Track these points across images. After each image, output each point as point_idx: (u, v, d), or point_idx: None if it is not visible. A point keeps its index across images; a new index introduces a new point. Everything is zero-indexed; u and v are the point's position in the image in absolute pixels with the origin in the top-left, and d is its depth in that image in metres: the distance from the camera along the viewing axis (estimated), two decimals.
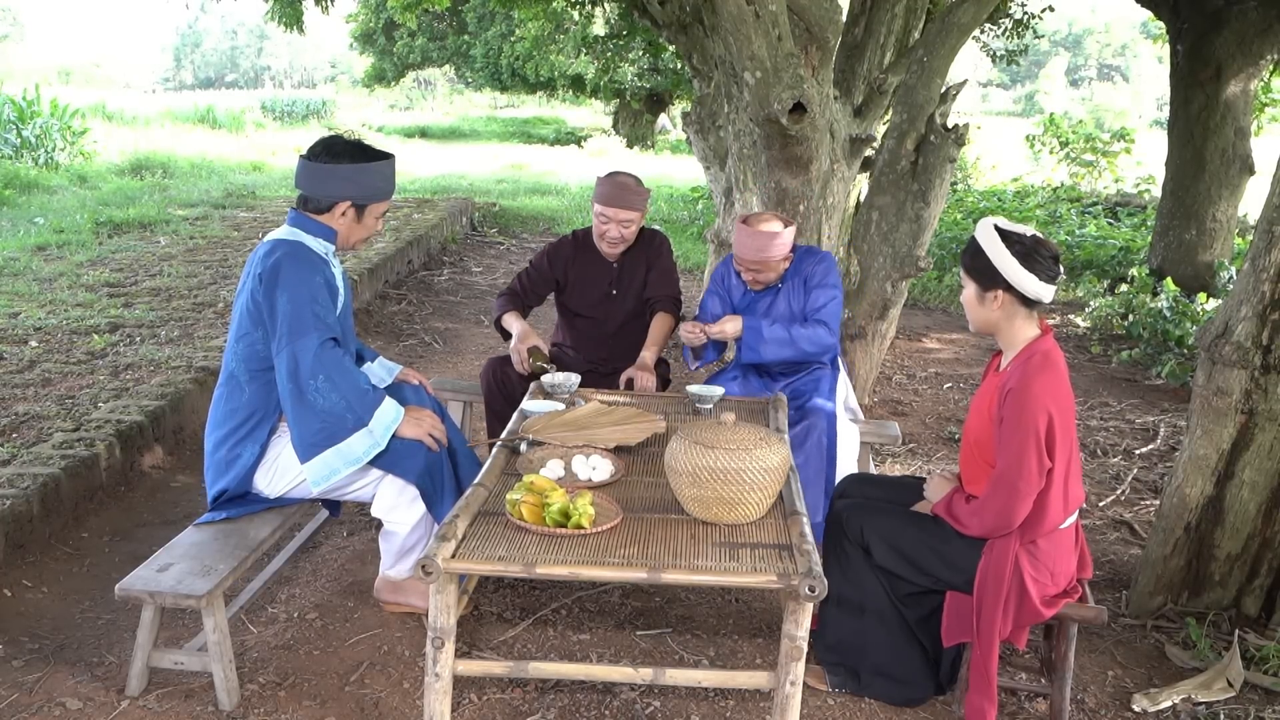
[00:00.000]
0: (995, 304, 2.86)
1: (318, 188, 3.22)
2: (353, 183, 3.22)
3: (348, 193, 3.22)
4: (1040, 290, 2.80)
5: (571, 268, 4.39)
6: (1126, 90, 67.73)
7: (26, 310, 6.57)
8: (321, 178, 3.20)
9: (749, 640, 3.47)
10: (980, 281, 2.87)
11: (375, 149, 3.30)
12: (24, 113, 16.07)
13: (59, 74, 59.26)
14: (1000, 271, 2.80)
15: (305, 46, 75.74)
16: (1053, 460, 2.74)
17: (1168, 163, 9.17)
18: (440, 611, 2.55)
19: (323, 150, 3.21)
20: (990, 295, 2.85)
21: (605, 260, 4.37)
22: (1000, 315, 2.87)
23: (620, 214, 4.18)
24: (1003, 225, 2.84)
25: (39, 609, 3.52)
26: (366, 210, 3.28)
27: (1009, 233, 2.82)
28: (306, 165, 3.22)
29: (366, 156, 3.23)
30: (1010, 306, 2.85)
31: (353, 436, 3.12)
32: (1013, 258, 2.78)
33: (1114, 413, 6.18)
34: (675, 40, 8.20)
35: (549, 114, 40.29)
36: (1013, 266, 2.78)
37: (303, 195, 3.26)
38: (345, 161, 3.19)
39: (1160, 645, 3.53)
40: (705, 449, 2.68)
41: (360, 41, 28.55)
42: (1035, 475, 2.73)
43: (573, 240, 4.44)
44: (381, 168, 3.26)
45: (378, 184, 3.27)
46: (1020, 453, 2.73)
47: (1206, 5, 8.54)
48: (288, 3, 9.01)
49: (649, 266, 4.40)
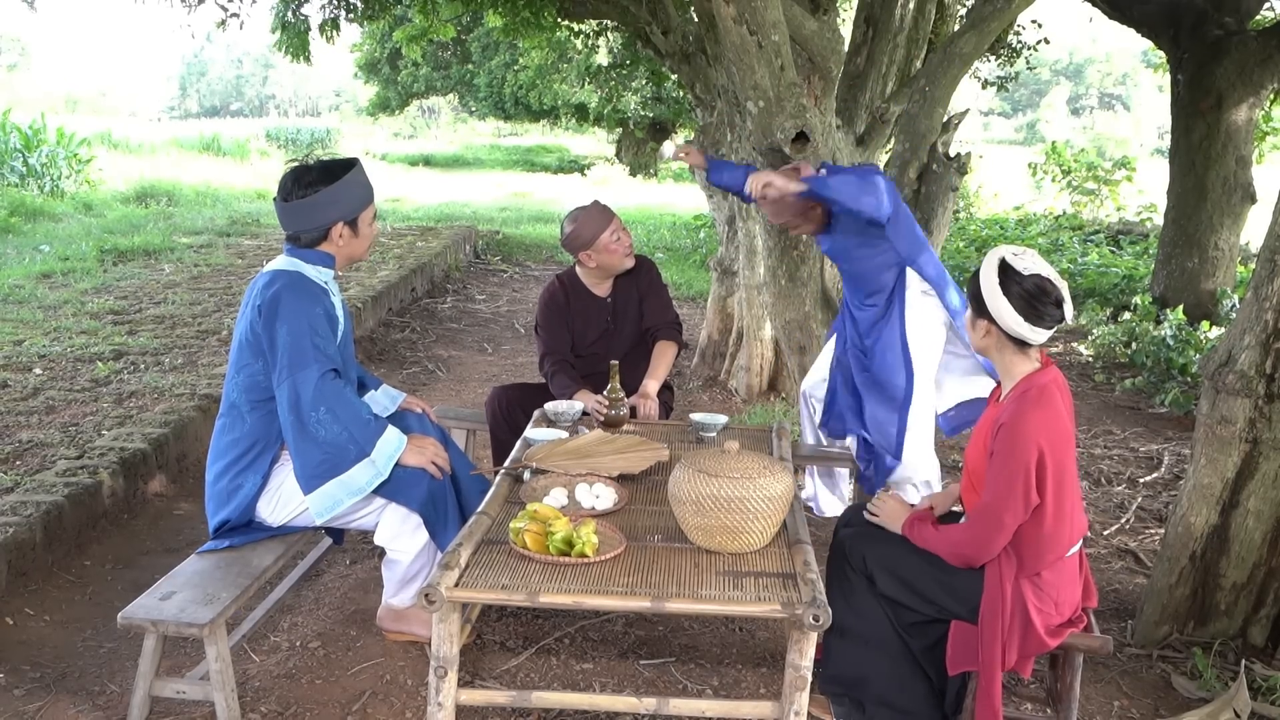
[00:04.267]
0: (983, 333, 2.86)
1: (305, 222, 3.22)
2: (336, 204, 3.21)
3: (336, 214, 3.22)
4: (1026, 332, 2.75)
5: (569, 311, 4.37)
6: (1128, 119, 68.03)
7: (31, 338, 6.58)
8: (305, 212, 3.20)
9: (753, 670, 3.45)
10: (973, 307, 2.88)
11: (340, 160, 3.29)
12: (30, 141, 16.18)
13: (65, 102, 59.61)
14: (986, 304, 2.80)
15: (310, 75, 76.17)
16: (1042, 495, 2.72)
17: (1169, 191, 9.19)
18: (443, 640, 2.54)
19: (294, 185, 3.19)
20: (981, 323, 2.85)
21: (597, 296, 4.37)
22: (990, 344, 2.87)
23: (615, 222, 4.22)
24: (1010, 259, 2.79)
25: (41, 637, 3.51)
26: (359, 221, 3.28)
27: (1010, 267, 2.77)
28: (286, 207, 3.21)
29: (337, 173, 3.21)
30: (999, 340, 2.84)
31: (355, 467, 3.12)
32: (1002, 295, 2.74)
33: (1118, 441, 6.17)
34: (678, 70, 8.25)
35: (552, 142, 40.50)
36: (999, 302, 2.75)
37: (292, 233, 3.26)
38: (321, 187, 3.18)
39: (1166, 675, 3.51)
40: (709, 477, 2.68)
41: (365, 71, 28.70)
42: (1020, 510, 2.72)
43: (560, 285, 4.40)
44: (355, 176, 3.25)
45: (358, 193, 3.27)
46: (1007, 487, 2.72)
47: (1207, 35, 8.59)
48: (295, 34, 9.06)
49: (642, 296, 4.39)
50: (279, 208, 3.24)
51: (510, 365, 7.72)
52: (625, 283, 4.38)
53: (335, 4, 8.95)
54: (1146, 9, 9.11)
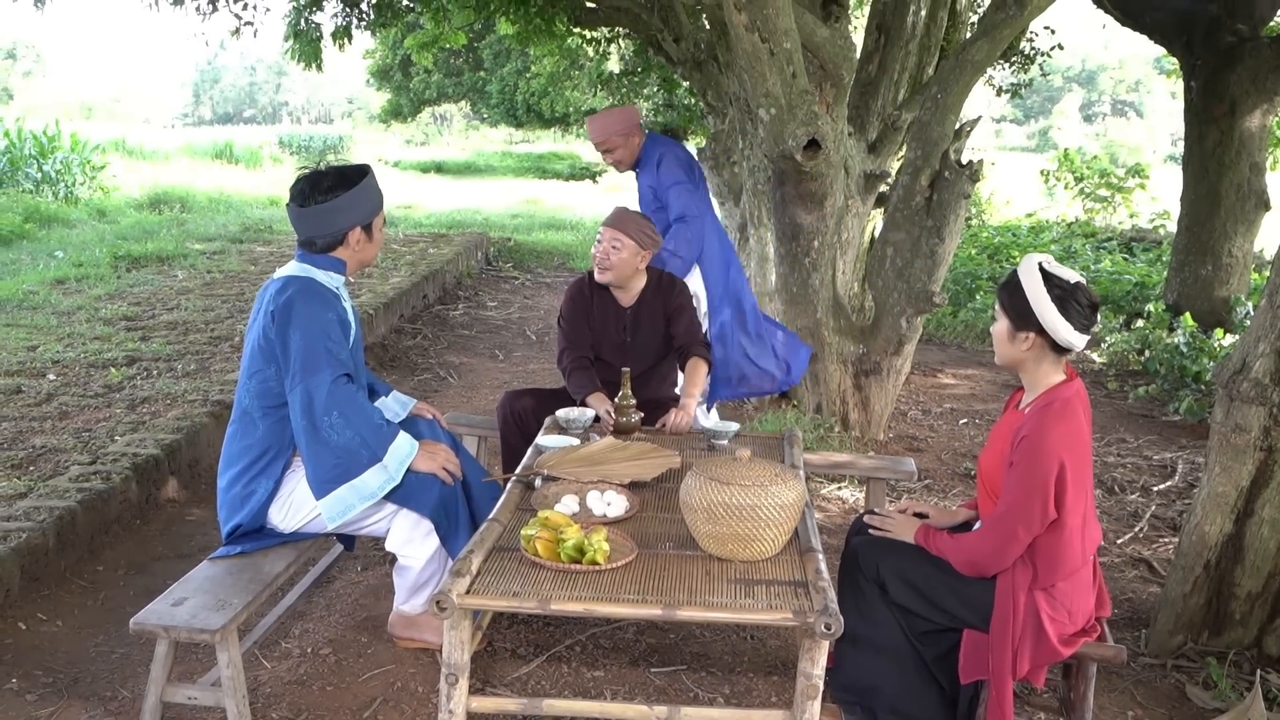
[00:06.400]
0: (1025, 344, 2.83)
1: (324, 227, 3.23)
2: (354, 209, 3.23)
3: (353, 219, 3.24)
4: (1073, 339, 2.76)
5: (591, 310, 4.31)
6: (1140, 126, 67.86)
7: (45, 344, 6.61)
8: (324, 217, 3.21)
9: (764, 678, 3.44)
10: (1014, 320, 2.83)
11: (353, 167, 3.31)
12: (45, 147, 16.27)
13: (80, 109, 59.97)
14: (1036, 314, 2.77)
15: (323, 82, 76.48)
16: (1060, 510, 2.71)
17: (1183, 198, 9.16)
18: (454, 647, 2.54)
19: (312, 190, 3.21)
20: (1022, 335, 2.82)
21: (619, 304, 4.29)
22: (1029, 356, 2.84)
23: (609, 231, 4.10)
24: (1048, 266, 2.79)
25: (53, 642, 3.52)
26: (373, 227, 3.31)
27: (1051, 275, 2.78)
28: (303, 212, 3.21)
29: (354, 179, 3.24)
30: (1040, 350, 2.82)
31: (367, 472, 3.12)
32: (1051, 302, 2.75)
33: (1131, 449, 6.15)
34: (690, 77, 8.26)
35: (564, 149, 40.50)
36: (1050, 312, 2.74)
37: (307, 239, 3.27)
38: (341, 192, 3.20)
39: (1181, 685, 3.49)
40: (720, 485, 2.67)
41: (377, 78, 28.79)
42: (1036, 523, 2.71)
43: (588, 282, 4.30)
44: (370, 181, 3.28)
45: (373, 198, 3.31)
46: (1025, 499, 2.71)
47: (1220, 41, 8.56)
48: (307, 41, 9.10)
49: (668, 317, 4.26)
50: (295, 213, 3.24)
51: (521, 372, 7.72)
52: (650, 298, 4.27)
53: (347, 12, 9.00)
54: (1160, 16, 9.09)
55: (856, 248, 6.23)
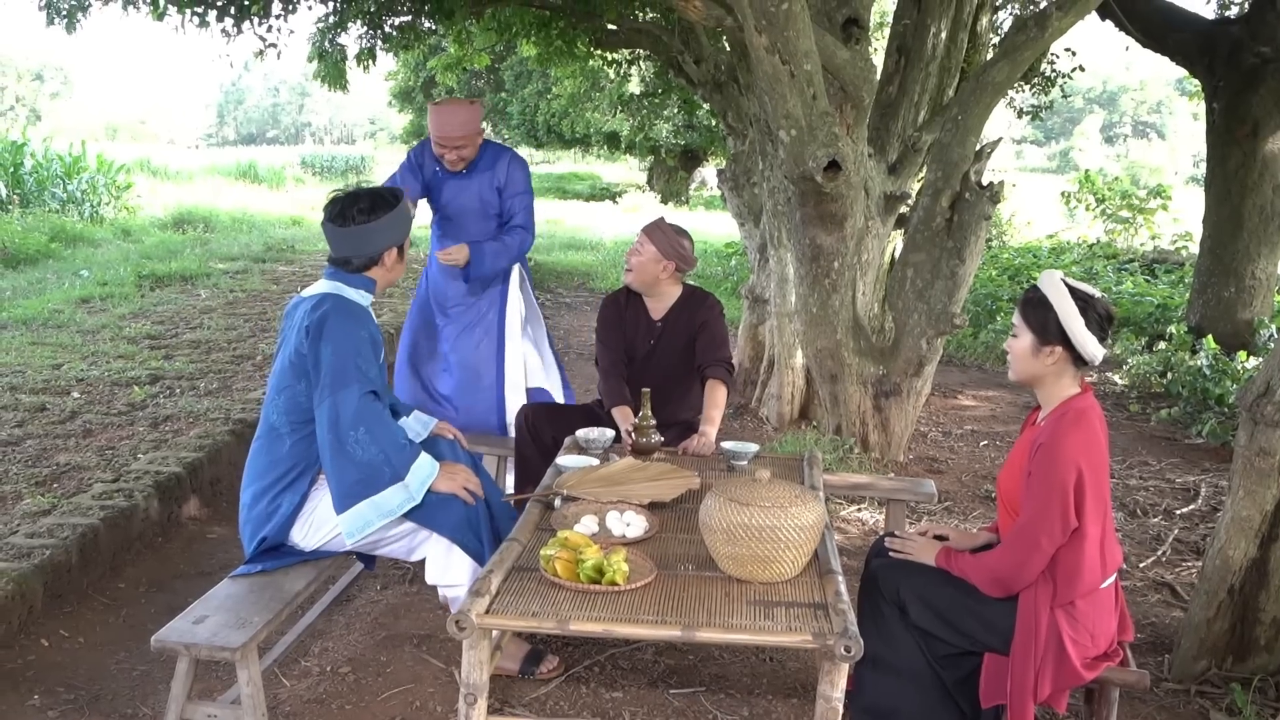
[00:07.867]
0: (1050, 359, 2.83)
1: (365, 246, 3.29)
2: (394, 229, 3.33)
3: (393, 239, 3.33)
4: (1096, 352, 2.78)
5: (625, 318, 4.37)
6: (1162, 147, 67.58)
7: (70, 362, 6.67)
8: (367, 236, 3.27)
9: (783, 700, 3.43)
10: (1039, 334, 2.83)
11: (389, 189, 3.42)
12: (71, 168, 16.45)
13: (106, 130, 60.51)
14: (1065, 327, 2.78)
15: (345, 103, 77.00)
16: (1080, 519, 2.70)
17: (1205, 220, 9.12)
18: (473, 667, 2.54)
19: (355, 210, 3.27)
20: (1047, 350, 2.82)
21: (649, 316, 4.33)
22: (1050, 370, 2.84)
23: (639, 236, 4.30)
24: (1072, 283, 2.82)
25: (75, 659, 3.54)
26: (404, 247, 3.42)
27: (1080, 290, 2.80)
28: (343, 232, 3.27)
29: (392, 201, 3.33)
30: (1062, 364, 2.82)
31: (388, 489, 3.13)
32: (1080, 318, 2.76)
33: (1153, 472, 6.11)
34: (710, 98, 8.30)
35: (584, 170, 40.71)
36: (1078, 325, 2.76)
37: (343, 258, 3.31)
38: (383, 213, 3.28)
39: (1205, 711, 3.46)
40: (740, 506, 2.67)
41: (399, 99, 29.00)
42: (1058, 531, 2.70)
43: (625, 292, 4.40)
44: (406, 204, 3.39)
45: (407, 220, 3.42)
46: (1045, 507, 2.70)
47: (1242, 63, 8.54)
48: (332, 63, 9.19)
49: (696, 331, 4.28)
50: (333, 232, 3.29)
51: None
52: (681, 312, 4.31)
53: (371, 34, 9.06)
54: (1181, 37, 9.08)
55: (876, 269, 6.22)
